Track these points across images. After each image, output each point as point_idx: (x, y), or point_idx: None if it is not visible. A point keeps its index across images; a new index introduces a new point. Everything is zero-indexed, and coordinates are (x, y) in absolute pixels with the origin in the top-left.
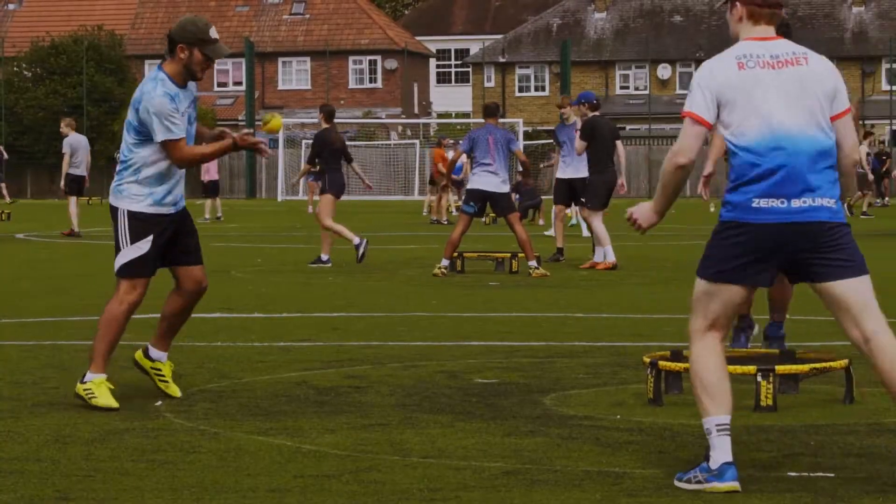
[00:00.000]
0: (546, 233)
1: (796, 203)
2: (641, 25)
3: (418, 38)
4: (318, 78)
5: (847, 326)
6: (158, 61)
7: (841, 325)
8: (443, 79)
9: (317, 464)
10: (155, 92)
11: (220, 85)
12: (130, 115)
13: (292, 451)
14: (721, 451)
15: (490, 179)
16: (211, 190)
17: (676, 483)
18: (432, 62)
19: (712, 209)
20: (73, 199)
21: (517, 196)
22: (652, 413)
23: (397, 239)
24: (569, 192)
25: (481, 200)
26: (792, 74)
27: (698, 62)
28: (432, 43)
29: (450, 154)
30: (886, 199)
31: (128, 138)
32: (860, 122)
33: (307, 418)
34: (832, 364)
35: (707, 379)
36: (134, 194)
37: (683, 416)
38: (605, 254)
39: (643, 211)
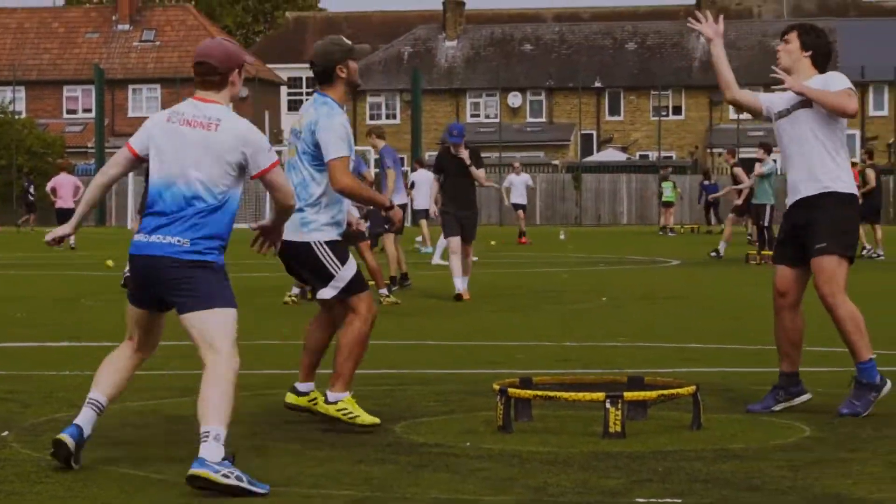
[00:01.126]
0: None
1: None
2: (492, 54)
3: (269, 65)
4: (168, 105)
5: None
6: (6, 87)
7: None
8: (294, 106)
9: (165, 494)
10: (333, 113)
11: (69, 112)
12: (304, 146)
13: (141, 481)
14: None
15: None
16: (64, 218)
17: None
18: (283, 90)
19: (562, 237)
20: None
21: (367, 223)
22: (501, 440)
23: (249, 267)
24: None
25: None
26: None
27: (548, 90)
28: (284, 71)
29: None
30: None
31: (308, 170)
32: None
33: (156, 447)
34: (680, 391)
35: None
36: (323, 225)
37: (532, 443)
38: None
39: None
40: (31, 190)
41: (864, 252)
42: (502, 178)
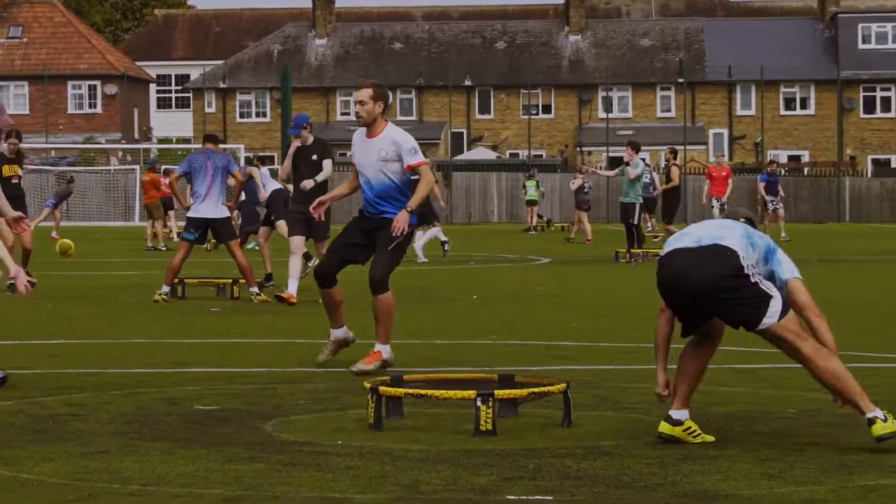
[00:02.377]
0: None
1: None
2: (362, 52)
3: (139, 63)
4: (36, 102)
5: None
6: None
7: None
8: (163, 104)
9: (35, 493)
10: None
11: None
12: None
13: (10, 481)
14: None
15: (209, 206)
16: None
17: None
18: (153, 87)
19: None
20: None
21: (239, 221)
22: (373, 438)
23: (117, 265)
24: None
25: (202, 227)
26: None
27: (418, 89)
28: (153, 68)
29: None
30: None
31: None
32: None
33: (24, 447)
34: (550, 388)
35: None
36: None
37: (404, 440)
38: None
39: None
40: None
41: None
42: None
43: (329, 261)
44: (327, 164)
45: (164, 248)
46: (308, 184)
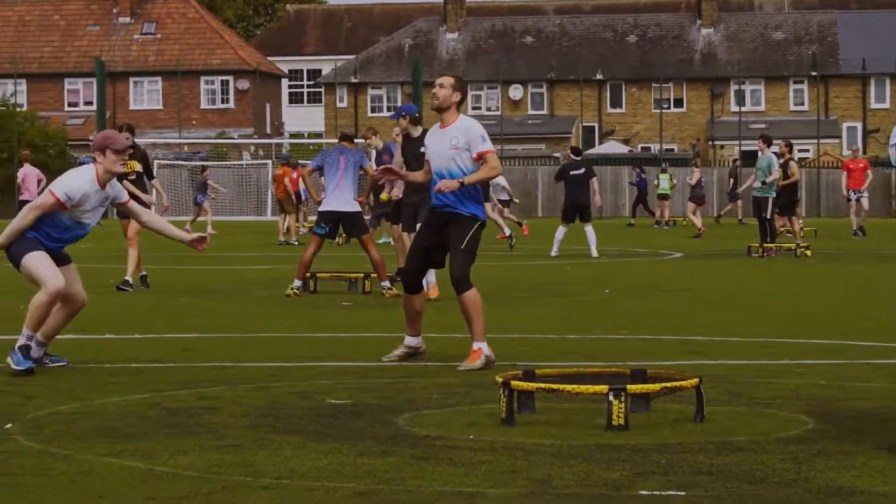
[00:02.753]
0: None
1: None
2: (493, 46)
3: (270, 58)
4: (169, 98)
5: None
6: (7, 80)
7: None
8: (295, 99)
9: (169, 485)
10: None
11: (70, 105)
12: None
13: (144, 473)
14: None
15: (340, 200)
16: None
17: None
18: (284, 82)
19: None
20: None
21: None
22: (505, 432)
23: (250, 259)
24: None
25: (333, 221)
26: None
27: (550, 83)
28: (284, 63)
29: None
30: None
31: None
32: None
33: (159, 440)
34: (683, 383)
35: None
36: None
37: (536, 435)
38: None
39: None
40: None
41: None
42: (504, 169)
43: (410, 268)
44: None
45: (296, 243)
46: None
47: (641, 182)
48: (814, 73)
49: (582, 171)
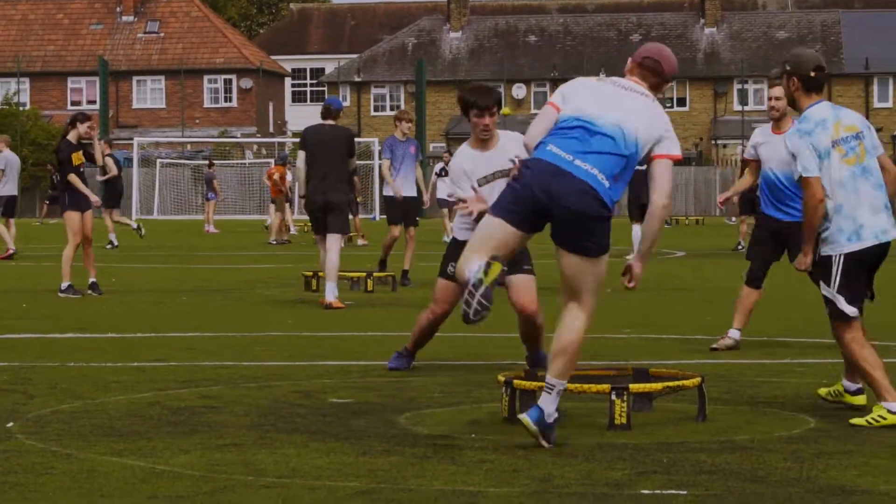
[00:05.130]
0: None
1: None
2: (496, 45)
3: (273, 57)
4: (172, 97)
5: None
6: (10, 79)
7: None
8: (298, 98)
9: (171, 484)
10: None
11: (73, 104)
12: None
13: (146, 472)
14: None
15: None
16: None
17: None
18: (287, 81)
19: None
20: (10, 221)
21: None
22: (507, 432)
23: (252, 258)
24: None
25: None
26: None
27: (553, 82)
28: (288, 62)
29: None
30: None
31: None
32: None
33: (161, 439)
34: (685, 382)
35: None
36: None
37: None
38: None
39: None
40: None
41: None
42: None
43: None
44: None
45: (287, 241)
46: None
47: None
48: None
49: (644, 166)
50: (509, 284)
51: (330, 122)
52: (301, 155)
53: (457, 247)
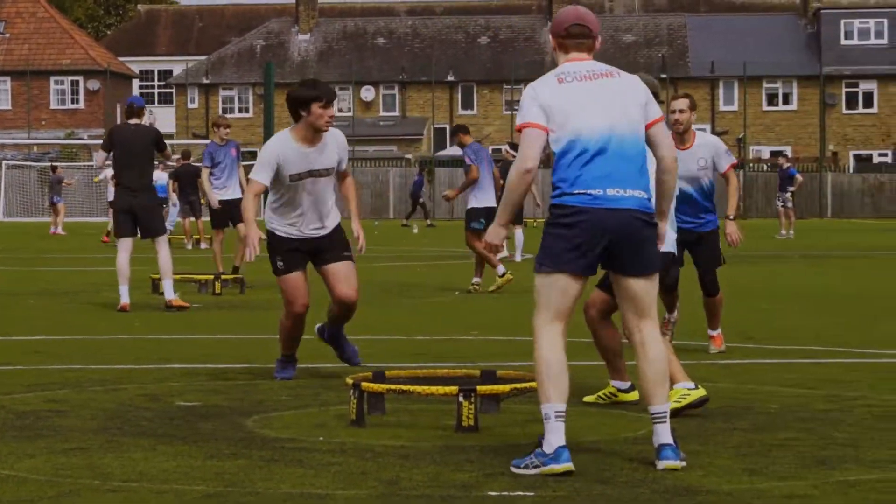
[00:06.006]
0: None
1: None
2: (345, 47)
3: (121, 58)
4: (18, 98)
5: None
6: None
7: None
8: (146, 99)
9: (15, 489)
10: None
11: None
12: None
13: None
14: (557, 435)
15: (491, 195)
16: None
17: (514, 469)
18: (135, 83)
19: (415, 230)
20: None
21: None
22: (354, 434)
23: (99, 261)
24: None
25: (488, 216)
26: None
27: (401, 84)
28: (135, 64)
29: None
30: None
31: None
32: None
33: (5, 443)
34: (532, 384)
35: (553, 368)
36: None
37: (385, 437)
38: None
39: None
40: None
41: None
42: (355, 171)
43: None
44: None
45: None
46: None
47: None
48: (663, 76)
49: None
50: (329, 272)
51: (135, 120)
52: (101, 155)
53: (278, 241)
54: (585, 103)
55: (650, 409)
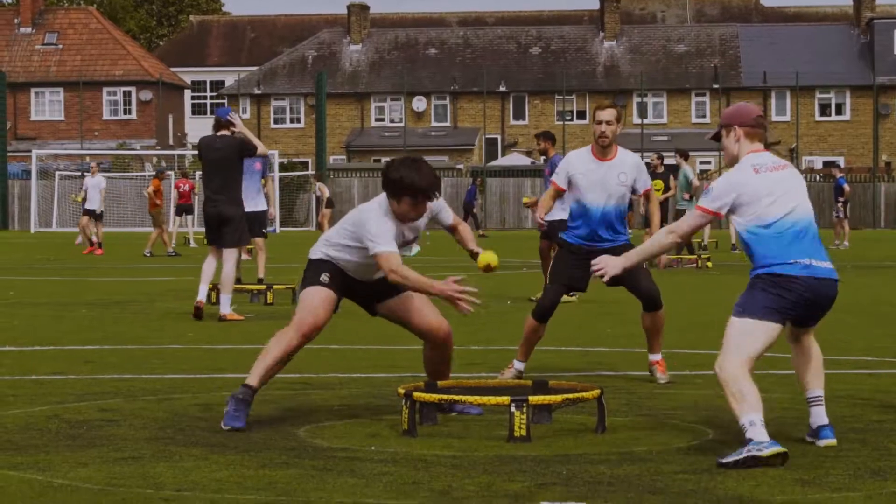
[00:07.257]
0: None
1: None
2: (396, 58)
3: (173, 69)
4: (71, 109)
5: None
6: None
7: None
8: (198, 110)
9: (69, 498)
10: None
11: None
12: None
13: (43, 486)
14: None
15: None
16: None
17: (721, 463)
18: (187, 93)
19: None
20: None
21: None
22: (406, 444)
23: (151, 271)
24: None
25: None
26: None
27: (453, 94)
28: (187, 74)
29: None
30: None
31: None
32: None
33: (59, 452)
34: (584, 394)
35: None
36: None
37: (437, 447)
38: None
39: (611, 263)
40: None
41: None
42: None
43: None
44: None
45: (172, 253)
46: None
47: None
48: (716, 86)
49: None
50: (401, 305)
51: (222, 132)
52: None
53: (331, 267)
54: (779, 191)
55: (807, 394)
